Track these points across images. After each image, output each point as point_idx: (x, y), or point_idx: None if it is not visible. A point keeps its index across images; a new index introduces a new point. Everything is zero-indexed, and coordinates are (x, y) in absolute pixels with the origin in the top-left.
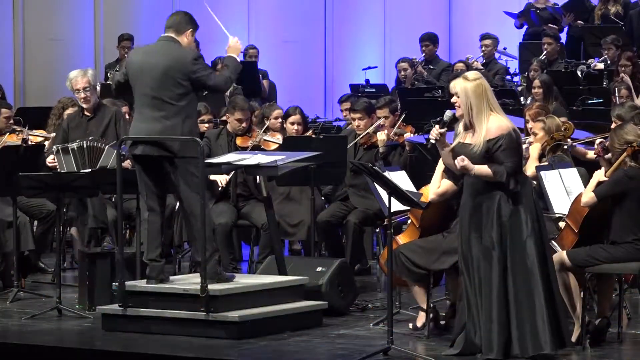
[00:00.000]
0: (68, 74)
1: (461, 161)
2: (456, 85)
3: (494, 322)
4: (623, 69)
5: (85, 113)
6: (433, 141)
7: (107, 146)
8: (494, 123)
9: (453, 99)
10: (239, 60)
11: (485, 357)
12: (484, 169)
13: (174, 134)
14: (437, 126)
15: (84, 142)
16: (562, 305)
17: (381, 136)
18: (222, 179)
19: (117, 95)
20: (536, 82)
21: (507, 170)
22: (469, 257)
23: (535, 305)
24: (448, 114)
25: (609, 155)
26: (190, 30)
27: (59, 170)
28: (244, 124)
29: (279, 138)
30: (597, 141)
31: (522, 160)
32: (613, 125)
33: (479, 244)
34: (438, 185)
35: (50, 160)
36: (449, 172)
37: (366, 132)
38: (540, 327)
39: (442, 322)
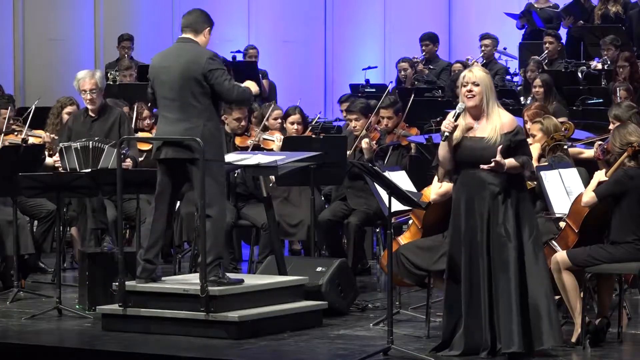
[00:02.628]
0: (76, 74)
1: (491, 162)
2: (476, 74)
3: (514, 314)
4: (621, 69)
5: (90, 114)
6: (448, 134)
7: (107, 146)
8: (506, 116)
9: (469, 87)
10: (250, 90)
11: (507, 350)
12: (514, 162)
13: (195, 135)
14: (451, 118)
15: (90, 142)
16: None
17: (363, 144)
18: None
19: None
20: (537, 82)
21: (530, 160)
22: (479, 251)
23: (549, 297)
24: (461, 105)
25: (608, 156)
26: (208, 28)
27: (61, 168)
28: (242, 123)
29: (277, 137)
30: (597, 144)
31: None
32: (611, 126)
33: (493, 236)
34: (439, 186)
35: (55, 159)
36: (447, 174)
37: (360, 138)
38: (556, 319)
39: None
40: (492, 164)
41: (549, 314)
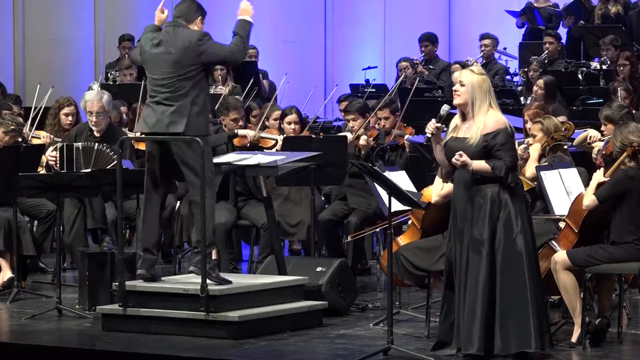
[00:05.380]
0: (84, 94)
1: (460, 156)
2: (463, 75)
3: (477, 318)
4: (622, 68)
5: (95, 134)
6: (429, 135)
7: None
8: (492, 118)
9: (455, 87)
10: (249, 20)
11: (465, 352)
12: (482, 164)
13: (181, 116)
14: (433, 120)
15: (95, 144)
16: (546, 304)
17: (362, 141)
18: (250, 134)
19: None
20: (540, 83)
21: (506, 164)
22: (458, 253)
23: (523, 303)
24: (445, 108)
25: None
26: (200, 17)
27: (58, 166)
28: (240, 123)
29: (275, 135)
30: (596, 150)
31: (517, 157)
32: (603, 127)
33: (468, 239)
34: (441, 187)
35: (50, 153)
36: (448, 176)
37: (356, 134)
38: (527, 326)
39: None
40: (456, 159)
41: (530, 317)
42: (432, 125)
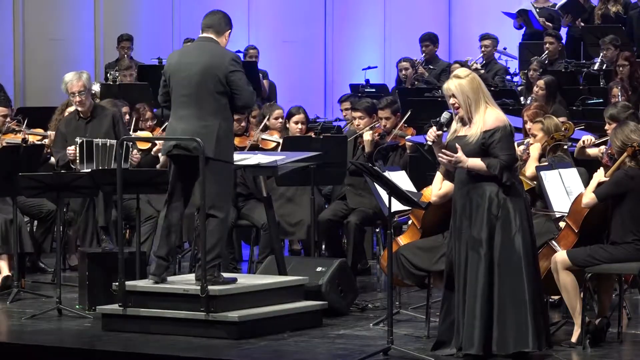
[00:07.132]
0: (63, 77)
1: (454, 153)
2: (450, 86)
3: (477, 318)
4: (621, 69)
5: (81, 116)
6: (430, 143)
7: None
8: (491, 115)
9: (450, 101)
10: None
11: (465, 352)
12: (477, 162)
13: (210, 134)
14: (433, 128)
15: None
16: (545, 304)
17: (366, 136)
18: None
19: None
20: (540, 83)
21: (501, 163)
22: (457, 252)
23: (520, 302)
24: (445, 115)
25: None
26: (229, 31)
27: (77, 162)
28: (242, 124)
29: (276, 137)
30: (600, 149)
31: (515, 155)
32: (607, 127)
33: (467, 238)
34: (439, 187)
35: (71, 150)
36: (449, 174)
37: (361, 131)
38: (525, 325)
39: None
40: (450, 156)
41: (527, 317)
42: (432, 134)
